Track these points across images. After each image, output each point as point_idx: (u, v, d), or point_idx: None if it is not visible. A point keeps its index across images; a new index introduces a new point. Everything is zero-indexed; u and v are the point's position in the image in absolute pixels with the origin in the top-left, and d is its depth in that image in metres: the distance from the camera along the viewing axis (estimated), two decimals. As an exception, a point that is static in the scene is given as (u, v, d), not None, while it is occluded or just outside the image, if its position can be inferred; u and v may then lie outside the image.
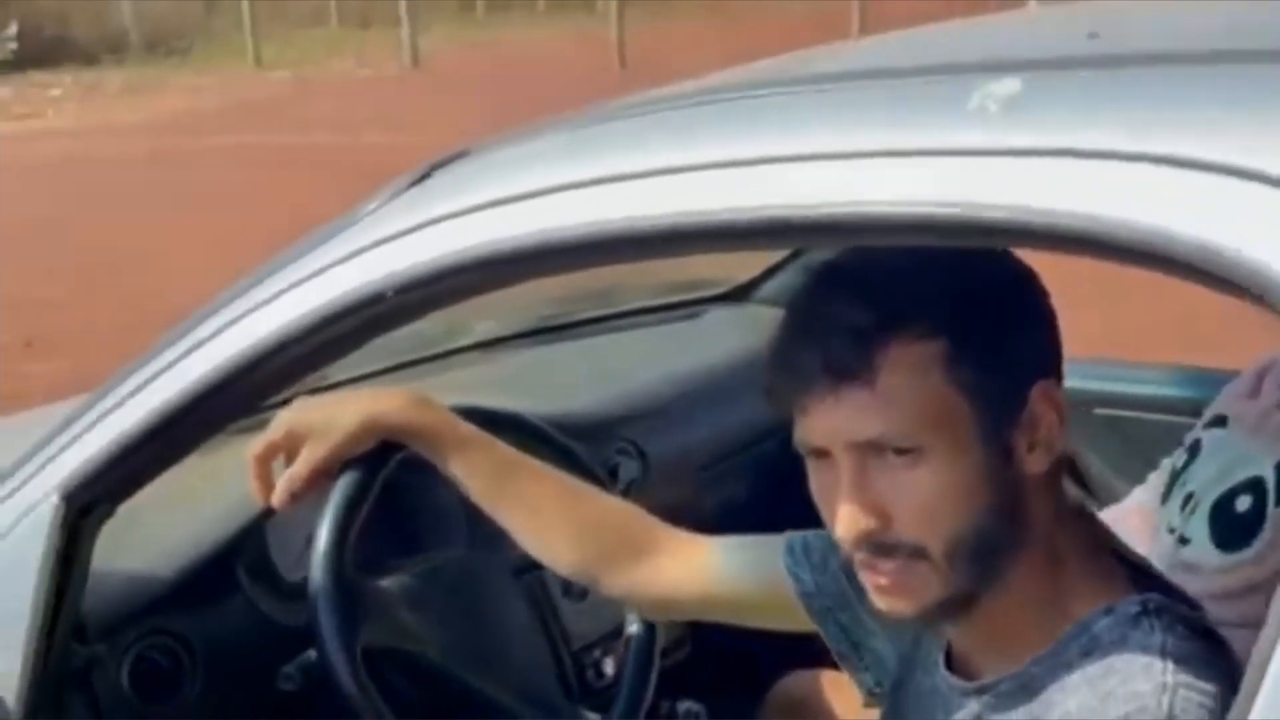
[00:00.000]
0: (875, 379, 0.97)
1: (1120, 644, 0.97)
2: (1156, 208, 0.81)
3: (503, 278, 1.11)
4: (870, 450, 0.99)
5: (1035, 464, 1.01)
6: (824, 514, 1.04)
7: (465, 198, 1.09)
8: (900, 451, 0.98)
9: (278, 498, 1.38)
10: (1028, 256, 1.02)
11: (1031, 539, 1.01)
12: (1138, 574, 1.04)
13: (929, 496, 0.98)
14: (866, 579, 1.03)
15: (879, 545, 1.00)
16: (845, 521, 0.99)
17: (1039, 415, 1.00)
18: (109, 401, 1.28)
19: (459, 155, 1.19)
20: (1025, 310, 1.02)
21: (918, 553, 0.99)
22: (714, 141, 1.00)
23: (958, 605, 1.02)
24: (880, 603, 1.03)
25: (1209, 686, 0.94)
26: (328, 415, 1.39)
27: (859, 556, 1.01)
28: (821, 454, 1.01)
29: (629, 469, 1.90)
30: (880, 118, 0.94)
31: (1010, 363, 1.00)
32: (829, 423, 0.99)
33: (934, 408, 0.97)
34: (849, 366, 0.97)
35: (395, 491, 1.55)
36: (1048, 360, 1.03)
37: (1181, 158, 0.81)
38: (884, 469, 0.99)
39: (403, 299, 1.10)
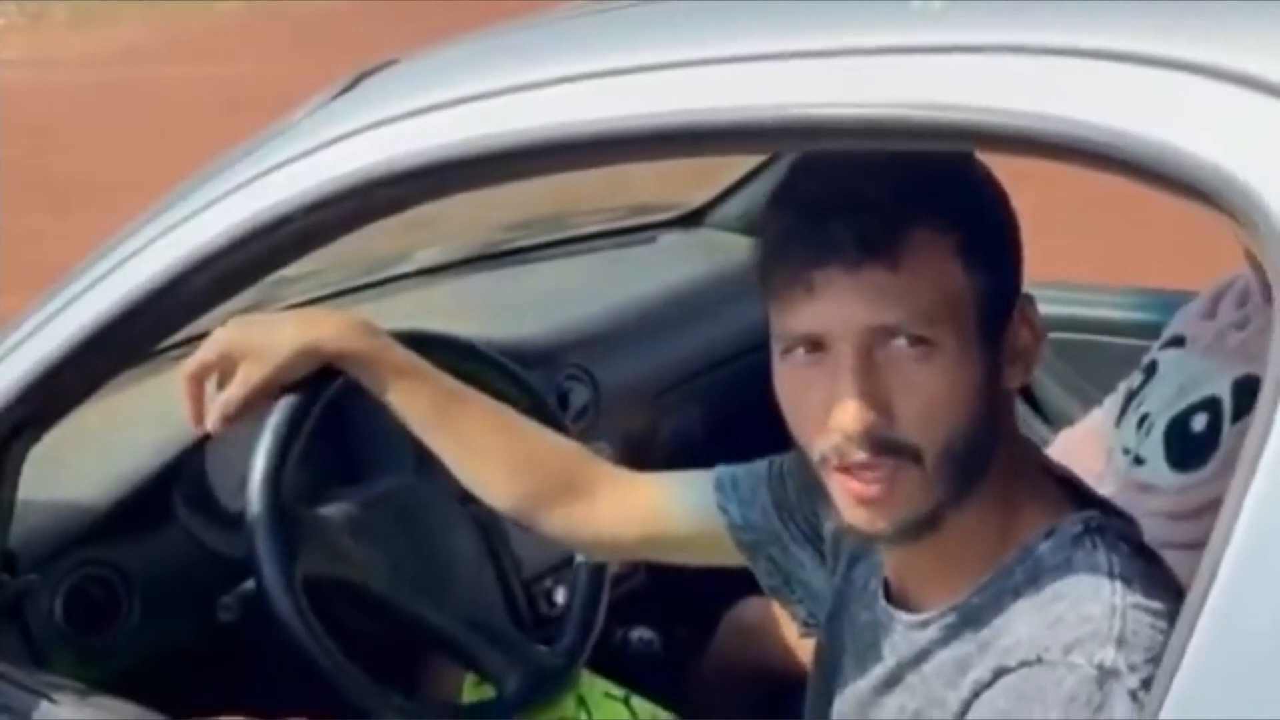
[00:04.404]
0: (899, 261, 0.93)
1: (1065, 567, 0.95)
2: (1112, 106, 0.78)
3: (435, 187, 1.07)
4: (879, 338, 0.94)
5: (1012, 379, 0.99)
6: (800, 412, 0.98)
7: (395, 105, 1.05)
8: (914, 341, 0.94)
9: (212, 421, 1.33)
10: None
11: (997, 459, 0.99)
12: (1075, 493, 1.03)
13: (937, 393, 0.94)
14: (846, 487, 0.97)
15: (880, 442, 0.95)
16: (849, 415, 0.94)
17: (1020, 330, 0.99)
18: (33, 322, 1.24)
19: (388, 63, 1.15)
20: (1013, 223, 1.00)
21: (914, 455, 0.95)
22: (659, 43, 0.96)
23: (930, 523, 0.98)
24: (857, 514, 0.98)
25: (1157, 605, 0.93)
26: (266, 336, 1.35)
27: (857, 457, 0.95)
28: (815, 344, 0.96)
29: (580, 395, 1.87)
30: (823, 18, 0.91)
31: (1006, 272, 0.99)
32: (843, 303, 0.94)
33: (951, 299, 0.94)
34: (878, 243, 0.92)
35: (337, 416, 1.52)
36: (1020, 280, 1.01)
37: (1138, 54, 0.78)
38: (891, 360, 0.94)
39: (331, 211, 1.06)
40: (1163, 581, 0.95)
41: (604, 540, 1.34)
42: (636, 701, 1.62)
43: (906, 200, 0.94)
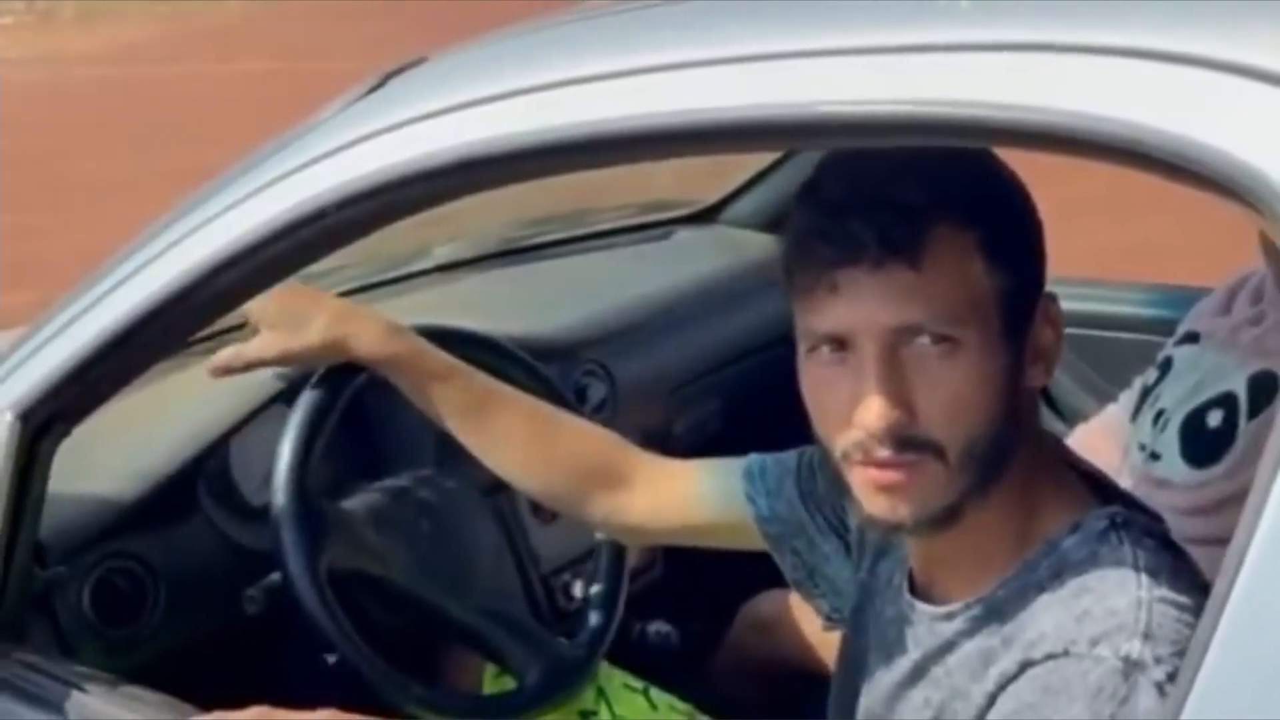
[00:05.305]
0: (922, 260, 0.94)
1: (1091, 561, 0.96)
2: (1135, 102, 0.79)
3: (463, 184, 1.08)
4: (903, 337, 0.95)
5: (1034, 378, 1.00)
6: (824, 410, 0.99)
7: (424, 103, 1.06)
8: (937, 339, 0.95)
9: (216, 361, 1.39)
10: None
11: (1020, 455, 1.00)
12: (1100, 489, 1.03)
13: (960, 391, 0.95)
14: (868, 479, 0.98)
15: (903, 439, 0.95)
16: (873, 413, 0.94)
17: (1042, 329, 1.00)
18: (64, 318, 1.25)
19: (417, 62, 1.16)
20: (1036, 220, 1.01)
21: (937, 451, 0.96)
22: (683, 41, 0.97)
23: (951, 515, 0.98)
24: (878, 503, 0.98)
25: (1183, 599, 0.93)
26: (298, 315, 1.37)
27: (880, 454, 0.96)
28: (838, 343, 0.97)
29: (597, 391, 1.88)
30: (851, 16, 0.92)
31: (1029, 269, 0.99)
32: (866, 303, 0.95)
33: (973, 298, 0.95)
34: (900, 242, 0.93)
35: (360, 410, 1.53)
36: (1043, 278, 1.02)
37: (1160, 51, 0.79)
38: (914, 358, 0.95)
39: (360, 208, 1.07)
40: (1188, 576, 0.96)
41: (641, 527, 1.35)
42: (655, 693, 1.63)
43: (928, 198, 0.95)
